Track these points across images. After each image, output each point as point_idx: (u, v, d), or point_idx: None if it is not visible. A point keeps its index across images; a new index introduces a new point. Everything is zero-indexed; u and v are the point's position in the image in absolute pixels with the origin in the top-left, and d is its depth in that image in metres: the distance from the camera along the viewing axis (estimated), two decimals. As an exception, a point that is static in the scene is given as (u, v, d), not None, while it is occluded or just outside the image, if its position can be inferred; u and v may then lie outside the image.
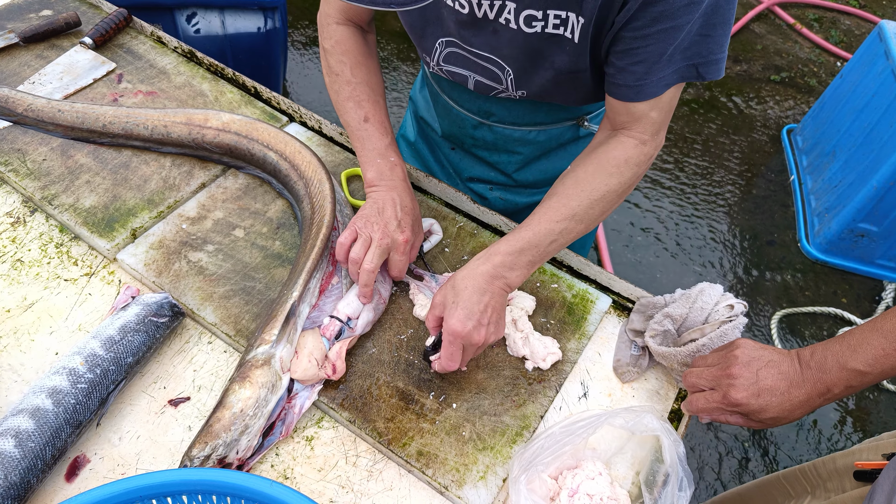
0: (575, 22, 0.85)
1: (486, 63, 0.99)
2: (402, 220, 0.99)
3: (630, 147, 0.94)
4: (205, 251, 1.07)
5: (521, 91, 1.02)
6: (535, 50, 0.92)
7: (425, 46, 1.03)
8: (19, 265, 1.04)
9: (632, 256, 2.74)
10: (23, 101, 1.21)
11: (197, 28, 2.21)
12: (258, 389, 0.86)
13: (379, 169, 1.02)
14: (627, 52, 0.86)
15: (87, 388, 0.86)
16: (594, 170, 0.95)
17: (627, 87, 0.89)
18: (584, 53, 0.89)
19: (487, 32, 0.93)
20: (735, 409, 0.85)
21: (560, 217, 0.93)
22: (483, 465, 0.88)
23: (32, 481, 0.79)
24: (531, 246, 0.93)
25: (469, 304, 0.88)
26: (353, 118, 1.04)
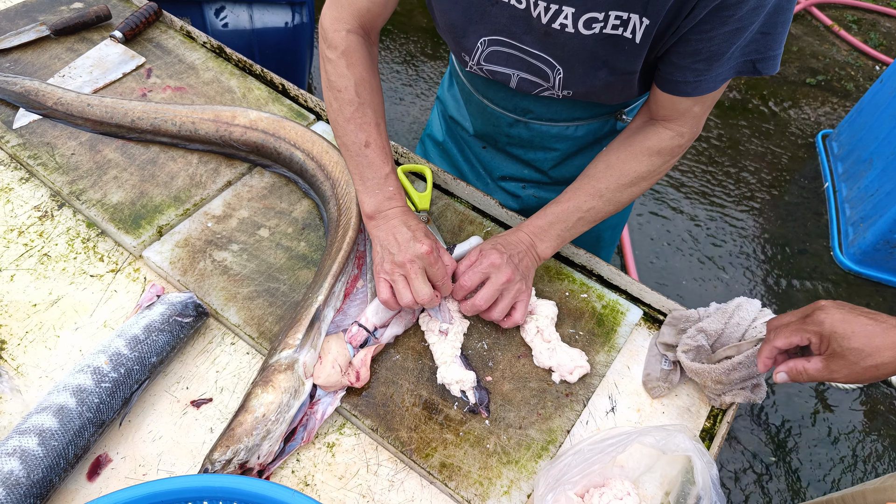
0: (638, 23, 0.84)
1: (535, 60, 0.97)
2: (415, 236, 0.93)
3: (666, 138, 0.97)
4: (229, 250, 1.06)
5: (567, 91, 1.00)
6: (590, 52, 0.90)
7: (466, 46, 1.00)
8: (46, 259, 1.04)
9: (657, 262, 2.69)
10: (53, 95, 1.21)
11: (225, 22, 2.21)
12: (281, 394, 0.85)
13: (377, 201, 0.97)
14: (692, 52, 0.85)
15: (111, 387, 0.85)
16: (626, 156, 0.99)
17: (685, 83, 0.89)
18: (641, 54, 0.88)
19: (541, 32, 0.91)
20: (817, 329, 0.77)
21: (588, 196, 1.00)
22: (507, 479, 0.86)
23: (54, 479, 0.79)
24: (560, 220, 1.01)
25: (505, 245, 0.98)
26: (353, 142, 0.99)
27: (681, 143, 0.98)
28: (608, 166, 1.00)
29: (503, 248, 0.97)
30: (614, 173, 0.99)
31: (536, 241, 1.01)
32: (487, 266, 0.95)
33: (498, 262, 0.95)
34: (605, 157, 1.01)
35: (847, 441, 2.23)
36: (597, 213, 1.00)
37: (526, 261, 0.99)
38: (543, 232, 1.01)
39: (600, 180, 1.00)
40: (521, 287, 0.97)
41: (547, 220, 1.01)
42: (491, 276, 0.95)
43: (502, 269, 0.94)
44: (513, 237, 1.01)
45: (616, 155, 1.00)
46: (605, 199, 1.00)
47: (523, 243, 1.00)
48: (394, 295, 0.93)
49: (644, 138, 0.98)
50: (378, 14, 1.01)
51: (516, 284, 0.96)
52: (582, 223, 1.01)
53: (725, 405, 0.96)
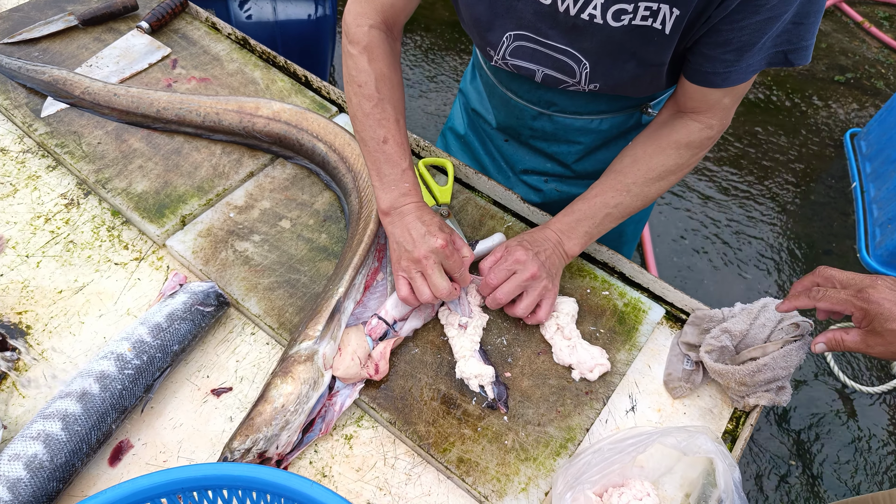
0: (668, 13, 0.82)
1: (560, 55, 0.95)
2: (429, 231, 0.92)
3: (694, 130, 0.96)
4: (251, 241, 1.06)
5: (593, 84, 0.99)
6: (619, 43, 0.89)
7: (491, 40, 0.99)
8: (72, 246, 1.05)
9: (678, 260, 2.66)
10: (80, 84, 1.22)
11: (249, 14, 2.22)
12: (300, 385, 0.85)
13: (393, 197, 0.96)
14: (722, 43, 0.84)
15: (134, 374, 0.86)
16: (654, 150, 0.98)
17: (714, 74, 0.88)
18: (671, 46, 0.87)
19: (567, 26, 0.90)
20: (865, 306, 0.77)
21: (615, 192, 0.99)
22: (525, 476, 0.85)
23: (77, 464, 0.80)
24: (587, 217, 0.99)
25: (532, 243, 0.97)
26: (372, 137, 0.98)
27: (710, 135, 0.96)
28: (635, 160, 0.98)
29: (529, 244, 0.97)
30: (641, 167, 0.98)
31: (564, 239, 1.00)
32: (512, 263, 0.94)
33: (523, 259, 0.94)
34: (632, 152, 1.00)
35: (870, 446, 2.19)
36: (625, 208, 0.99)
37: (553, 259, 0.98)
38: (571, 229, 1.00)
39: (627, 175, 0.98)
40: (547, 285, 0.96)
41: (574, 217, 1.00)
42: (516, 272, 0.94)
43: (527, 266, 0.94)
44: (539, 235, 1.00)
45: (643, 149, 0.99)
46: (632, 194, 0.98)
47: (550, 241, 0.99)
48: (413, 291, 0.92)
49: (671, 131, 0.97)
50: (401, 9, 1.00)
51: (542, 282, 0.95)
52: (610, 219, 1.00)
53: (749, 407, 0.95)
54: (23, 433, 0.79)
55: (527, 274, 0.93)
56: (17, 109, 1.21)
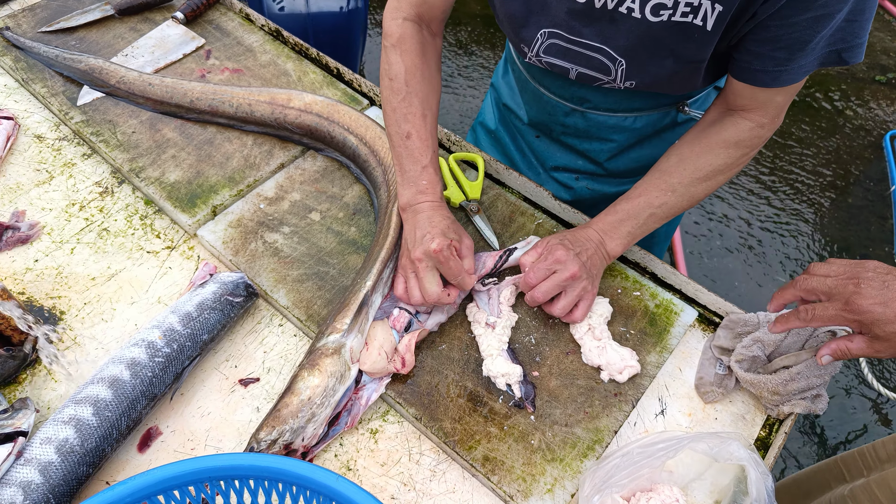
0: (709, 9, 0.80)
1: (594, 54, 0.94)
2: (430, 233, 0.91)
3: (745, 129, 0.92)
4: (281, 233, 1.07)
5: (629, 82, 0.97)
6: (657, 40, 0.86)
7: (525, 37, 0.98)
8: (105, 234, 1.06)
9: (709, 262, 2.61)
10: (116, 73, 1.23)
11: (282, 6, 2.23)
12: (327, 378, 0.85)
13: (411, 194, 0.96)
14: (771, 40, 0.81)
15: (164, 361, 0.87)
16: (701, 149, 0.94)
17: (765, 73, 0.85)
18: (712, 42, 0.84)
19: (603, 22, 0.88)
20: (857, 317, 0.75)
21: (659, 191, 0.96)
22: (551, 477, 0.84)
23: (107, 449, 0.81)
24: (630, 217, 0.97)
25: (574, 242, 0.95)
26: (396, 132, 0.98)
27: (760, 134, 0.92)
28: (681, 159, 0.96)
29: (571, 244, 0.95)
30: (688, 167, 0.95)
31: (606, 239, 0.98)
32: (553, 262, 0.93)
33: (563, 258, 0.92)
34: (678, 150, 0.97)
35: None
36: (669, 208, 0.96)
37: (595, 259, 0.96)
38: (613, 229, 0.98)
39: (673, 174, 0.96)
40: (587, 286, 0.94)
41: (617, 216, 0.98)
42: (556, 271, 0.93)
43: (568, 266, 0.92)
44: (581, 234, 0.98)
45: (690, 147, 0.96)
46: (678, 193, 0.95)
47: (592, 241, 0.97)
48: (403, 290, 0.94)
49: (720, 129, 0.94)
50: (437, 5, 0.99)
51: (582, 282, 0.93)
52: (654, 220, 0.97)
53: (783, 415, 0.92)
54: (55, 417, 0.81)
55: (566, 274, 0.92)
56: (54, 97, 1.23)
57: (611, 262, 0.99)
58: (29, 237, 1.04)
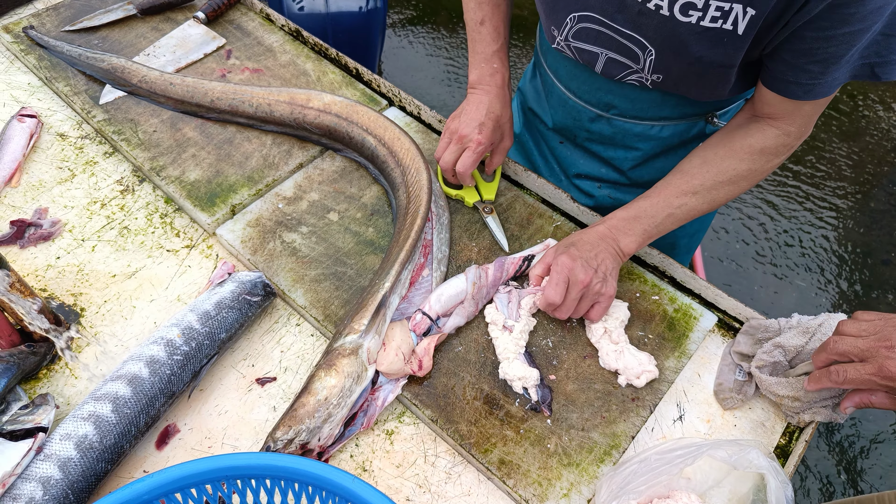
0: (741, 14, 0.79)
1: (625, 40, 0.92)
2: (483, 123, 1.03)
3: (771, 136, 0.91)
4: (299, 232, 1.07)
5: (657, 75, 0.96)
6: (684, 41, 0.85)
7: (555, 19, 0.97)
8: (126, 232, 1.07)
9: (728, 266, 2.59)
10: (138, 73, 1.24)
11: (301, 6, 2.24)
12: (344, 379, 0.85)
13: (480, 73, 1.05)
14: (806, 52, 0.79)
15: (183, 360, 0.87)
16: (725, 152, 0.93)
17: (797, 85, 0.83)
18: (742, 48, 0.83)
19: (634, 12, 0.87)
20: (889, 384, 0.75)
21: (680, 192, 0.95)
22: (567, 481, 0.84)
23: (125, 446, 0.82)
24: (647, 215, 0.95)
25: (580, 247, 0.93)
26: (471, 18, 1.06)
27: (787, 142, 0.91)
28: (704, 162, 0.94)
29: (575, 249, 0.93)
30: (711, 170, 0.93)
31: (619, 235, 0.96)
32: (565, 274, 0.91)
33: (571, 266, 0.91)
34: (702, 153, 0.96)
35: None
36: (688, 210, 0.95)
37: (606, 260, 0.94)
38: (628, 225, 0.96)
39: (695, 176, 0.94)
40: (600, 288, 0.92)
41: (632, 213, 0.97)
42: (570, 284, 0.91)
43: (577, 274, 0.91)
44: (588, 234, 0.97)
45: (713, 151, 0.94)
46: (699, 196, 0.94)
47: (600, 238, 0.95)
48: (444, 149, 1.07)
49: (746, 135, 0.92)
50: None
51: (595, 286, 0.92)
52: (671, 220, 0.96)
53: (804, 423, 0.91)
54: (74, 413, 0.81)
55: (579, 285, 0.91)
56: (76, 96, 1.24)
57: (625, 259, 0.98)
58: (51, 234, 1.06)
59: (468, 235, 1.09)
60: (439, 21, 3.63)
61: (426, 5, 3.72)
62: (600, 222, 0.99)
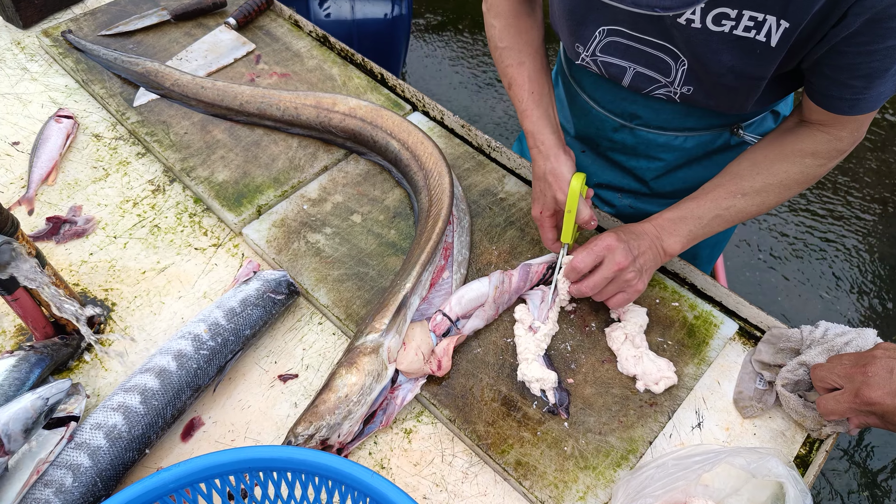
0: (774, 25, 0.78)
1: (657, 51, 0.92)
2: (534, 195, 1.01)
3: (822, 141, 0.88)
4: (323, 233, 1.09)
5: (687, 87, 0.95)
6: (716, 51, 0.85)
7: (582, 35, 0.97)
8: (156, 230, 1.10)
9: (751, 275, 2.56)
10: (170, 76, 1.28)
11: (328, 13, 2.27)
12: (364, 377, 0.87)
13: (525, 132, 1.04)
14: (848, 67, 0.79)
15: (209, 354, 0.90)
16: (776, 155, 0.91)
17: (842, 101, 0.82)
18: (775, 59, 0.82)
19: (665, 24, 0.87)
20: (868, 408, 0.78)
21: (728, 194, 0.93)
22: (583, 484, 0.84)
23: (152, 437, 0.84)
24: (694, 216, 0.93)
25: (627, 234, 0.92)
26: (505, 84, 1.06)
27: (839, 147, 0.89)
28: (754, 164, 0.92)
29: (623, 234, 0.92)
30: (761, 171, 0.91)
31: (664, 235, 0.94)
32: (603, 249, 0.90)
33: (613, 246, 0.90)
34: (751, 156, 0.93)
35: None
36: (737, 212, 0.93)
37: (648, 254, 0.93)
38: (674, 225, 0.94)
39: (744, 178, 0.92)
40: (633, 278, 0.91)
41: (680, 213, 0.94)
42: (605, 259, 0.90)
43: (616, 255, 0.89)
44: (637, 227, 0.95)
45: (763, 153, 0.92)
46: (748, 198, 0.92)
47: (647, 235, 0.94)
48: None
49: (797, 139, 0.90)
50: None
51: (628, 273, 0.90)
52: (718, 222, 0.93)
53: (825, 436, 0.90)
54: (104, 404, 0.84)
55: (613, 266, 0.89)
56: (111, 98, 1.28)
57: (667, 259, 0.96)
58: (85, 231, 1.09)
59: (488, 239, 1.10)
60: (462, 27, 3.66)
61: (450, 12, 3.75)
62: (647, 220, 0.96)
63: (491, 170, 1.22)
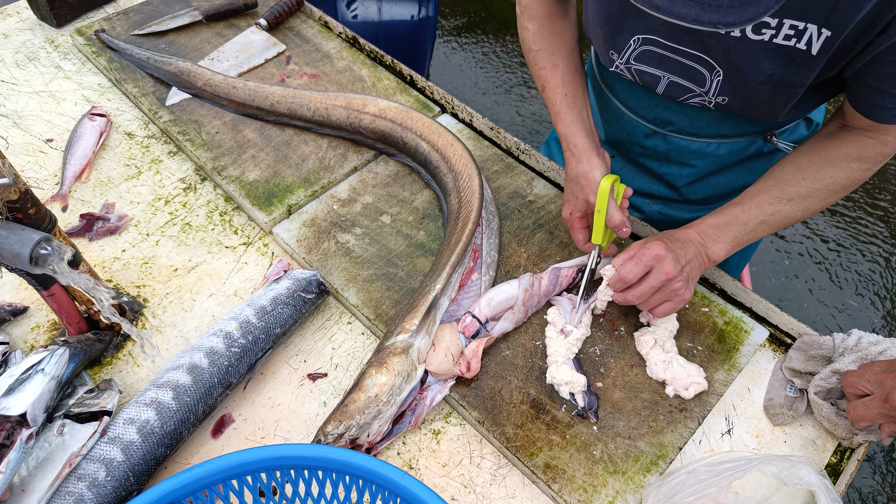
0: (815, 34, 0.78)
1: (692, 62, 0.92)
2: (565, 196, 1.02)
3: (867, 146, 0.87)
4: (352, 234, 1.10)
5: (722, 97, 0.94)
6: (755, 59, 0.84)
7: (617, 42, 0.97)
8: (188, 228, 1.12)
9: (776, 280, 2.53)
10: (202, 76, 1.30)
11: (355, 14, 2.29)
12: (394, 377, 0.87)
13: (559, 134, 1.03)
14: (892, 76, 0.78)
15: (240, 352, 0.91)
16: (821, 160, 0.90)
17: (885, 109, 0.82)
18: (816, 67, 0.82)
19: (703, 33, 0.86)
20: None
21: (773, 199, 0.91)
22: (612, 489, 0.84)
23: (184, 432, 0.85)
24: (738, 223, 0.92)
25: (674, 242, 0.91)
26: (538, 87, 1.06)
27: (884, 151, 0.87)
28: (799, 169, 0.91)
29: (670, 242, 0.90)
30: (807, 176, 0.90)
31: (708, 242, 0.93)
32: (651, 258, 0.89)
33: (662, 255, 0.88)
34: (795, 160, 0.92)
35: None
36: (782, 217, 0.91)
37: (694, 263, 0.91)
38: (718, 232, 0.93)
39: (789, 183, 0.91)
40: (679, 288, 0.90)
41: (724, 219, 0.93)
42: (653, 270, 0.89)
43: (665, 265, 0.88)
44: (681, 234, 0.93)
45: (808, 158, 0.91)
46: (793, 203, 0.91)
47: (692, 242, 0.92)
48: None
49: (841, 144, 0.89)
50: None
51: (675, 283, 0.89)
52: (764, 227, 0.92)
53: (856, 445, 0.89)
54: (137, 399, 0.85)
55: (662, 276, 0.88)
56: (144, 97, 1.30)
57: (711, 266, 0.94)
58: (118, 228, 1.11)
59: (517, 241, 1.10)
60: (487, 30, 3.66)
61: (475, 14, 3.76)
62: (690, 227, 0.95)
63: (520, 172, 1.22)
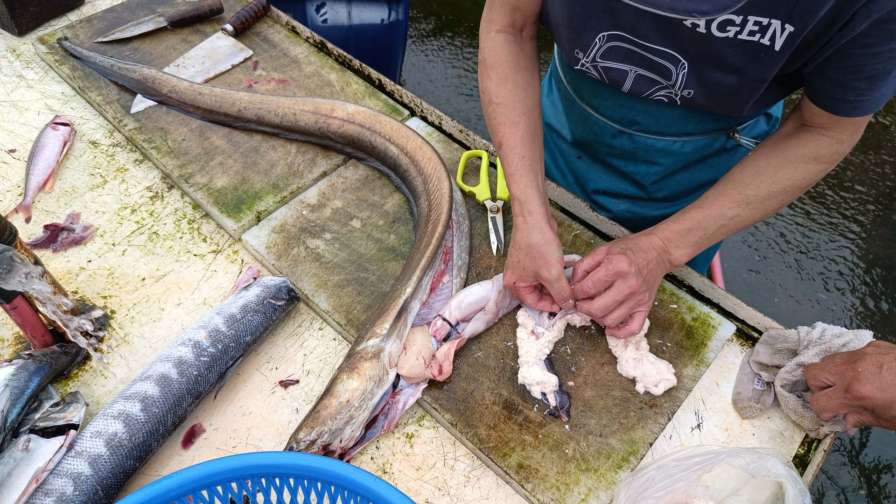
0: (779, 29, 0.79)
1: (657, 57, 0.92)
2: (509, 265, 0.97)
3: (823, 145, 0.90)
4: (322, 239, 1.09)
5: (688, 90, 0.95)
6: (720, 55, 0.85)
7: (582, 41, 0.97)
8: (155, 237, 1.10)
9: (747, 276, 2.57)
10: (168, 83, 1.28)
11: (325, 18, 2.28)
12: (366, 382, 0.87)
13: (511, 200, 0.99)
14: (852, 69, 0.79)
15: (209, 361, 0.90)
16: (778, 161, 0.92)
17: (845, 102, 0.83)
18: (778, 63, 0.83)
19: (669, 28, 0.87)
20: (859, 403, 0.80)
21: (733, 203, 0.93)
22: (585, 486, 0.84)
23: (153, 444, 0.84)
24: (699, 227, 0.94)
25: (637, 253, 0.91)
26: (494, 142, 1.02)
27: (840, 150, 0.89)
28: (757, 171, 0.92)
29: (633, 253, 0.91)
30: (765, 179, 0.91)
31: (671, 247, 0.94)
32: (613, 274, 0.89)
33: (625, 271, 0.89)
34: (753, 163, 0.94)
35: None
36: (741, 220, 0.93)
37: (655, 270, 0.93)
38: (680, 238, 0.94)
39: (748, 186, 0.92)
40: (643, 298, 0.92)
41: (685, 225, 0.94)
42: (615, 284, 0.90)
43: (628, 279, 0.89)
44: (644, 241, 0.94)
45: (766, 160, 0.92)
46: (752, 206, 0.92)
47: (655, 249, 0.94)
48: None
49: (798, 144, 0.91)
50: (527, 9, 0.99)
51: (639, 295, 0.91)
52: (723, 231, 0.94)
53: (823, 435, 0.91)
54: (104, 412, 0.84)
55: (626, 290, 0.89)
56: (108, 105, 1.28)
57: (672, 269, 0.96)
58: (83, 238, 1.09)
59: (487, 243, 1.11)
60: (458, 33, 3.67)
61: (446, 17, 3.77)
62: (652, 231, 0.96)
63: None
